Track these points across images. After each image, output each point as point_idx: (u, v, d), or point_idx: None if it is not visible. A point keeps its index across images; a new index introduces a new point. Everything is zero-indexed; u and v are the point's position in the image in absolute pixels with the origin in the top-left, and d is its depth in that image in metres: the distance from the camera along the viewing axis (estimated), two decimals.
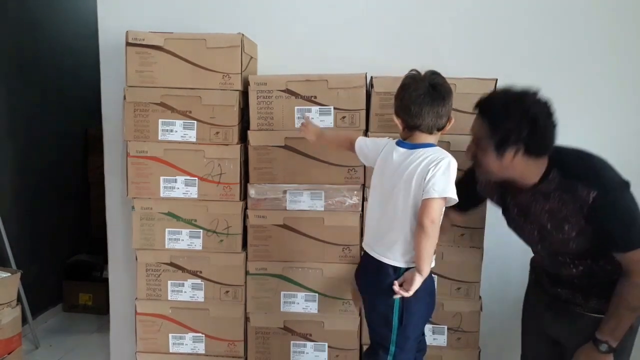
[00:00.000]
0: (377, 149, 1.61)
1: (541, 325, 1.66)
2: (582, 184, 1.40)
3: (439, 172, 1.43)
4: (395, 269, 1.51)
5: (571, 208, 1.43)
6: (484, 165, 1.47)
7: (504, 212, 1.63)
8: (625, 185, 1.44)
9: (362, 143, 1.68)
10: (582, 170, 1.44)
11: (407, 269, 1.50)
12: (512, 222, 1.62)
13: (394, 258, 1.51)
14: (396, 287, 1.46)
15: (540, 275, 1.68)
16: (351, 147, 1.71)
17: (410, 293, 1.45)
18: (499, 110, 1.41)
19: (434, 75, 1.49)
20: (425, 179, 1.43)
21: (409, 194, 1.46)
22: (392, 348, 1.53)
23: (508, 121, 1.39)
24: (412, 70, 1.53)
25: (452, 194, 1.43)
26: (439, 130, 1.50)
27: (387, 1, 2.14)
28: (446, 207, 1.53)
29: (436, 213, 1.43)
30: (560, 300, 1.58)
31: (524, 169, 1.46)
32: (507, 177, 1.49)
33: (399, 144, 1.54)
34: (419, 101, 1.46)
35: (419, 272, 1.45)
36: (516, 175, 1.47)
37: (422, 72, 1.51)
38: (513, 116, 1.38)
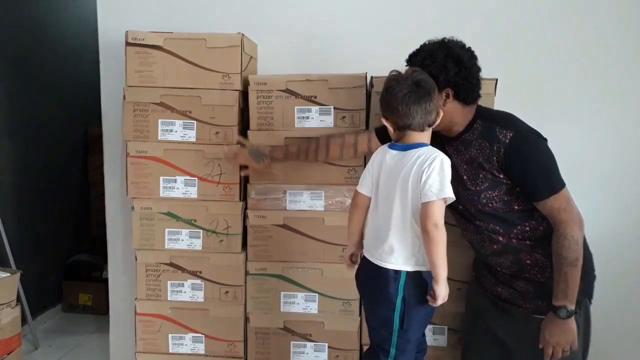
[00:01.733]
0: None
1: (487, 325, 1.69)
2: (500, 127, 1.50)
3: (433, 172, 1.41)
4: (397, 272, 1.48)
5: (487, 153, 1.50)
6: None
7: None
8: (542, 137, 1.50)
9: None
10: (502, 117, 1.55)
11: (412, 272, 1.48)
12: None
13: (396, 262, 1.49)
14: (430, 300, 1.45)
15: (480, 272, 1.71)
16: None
17: (439, 303, 1.44)
18: (425, 56, 1.52)
19: (415, 72, 1.47)
20: (420, 181, 1.41)
21: (406, 198, 1.45)
22: (393, 351, 1.52)
23: (435, 63, 1.49)
24: (392, 71, 1.51)
25: (450, 194, 1.42)
26: (430, 126, 1.49)
27: (388, 1, 2.14)
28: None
29: (438, 216, 1.41)
30: (501, 299, 1.63)
31: (453, 114, 1.54)
32: (445, 124, 1.54)
33: (390, 147, 1.53)
34: (405, 100, 1.44)
35: (436, 280, 1.43)
36: (445, 122, 1.54)
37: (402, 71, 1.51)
38: (439, 59, 1.49)
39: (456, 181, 1.53)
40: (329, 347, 1.99)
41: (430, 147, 1.48)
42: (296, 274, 1.98)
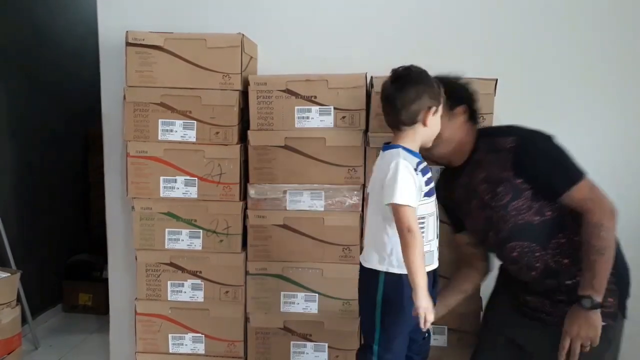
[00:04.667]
0: None
1: (507, 330, 1.66)
2: (498, 137, 1.53)
3: (387, 176, 1.40)
4: (375, 272, 1.49)
5: (498, 165, 1.50)
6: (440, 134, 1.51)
7: (458, 209, 1.68)
8: (546, 134, 1.50)
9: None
10: (499, 129, 1.61)
11: (390, 273, 1.47)
12: (465, 214, 1.66)
13: (373, 262, 1.49)
14: (413, 310, 1.39)
15: (508, 277, 1.68)
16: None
17: (420, 313, 1.37)
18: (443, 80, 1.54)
19: (397, 69, 1.46)
20: (382, 185, 1.41)
21: (378, 200, 1.45)
22: (376, 347, 1.52)
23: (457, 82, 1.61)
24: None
25: (403, 200, 1.36)
26: (410, 124, 1.44)
27: (388, 1, 2.14)
28: (455, 236, 1.61)
29: (406, 219, 1.37)
30: (530, 308, 1.59)
31: (464, 133, 1.59)
32: (451, 149, 1.58)
33: (382, 148, 1.53)
34: (383, 99, 1.47)
35: (414, 287, 1.37)
36: (458, 145, 1.58)
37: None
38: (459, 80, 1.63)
39: (480, 207, 1.53)
40: (329, 347, 1.99)
41: (400, 149, 1.44)
42: (296, 274, 1.98)
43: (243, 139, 1.98)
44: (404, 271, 1.43)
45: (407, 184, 1.38)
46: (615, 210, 1.43)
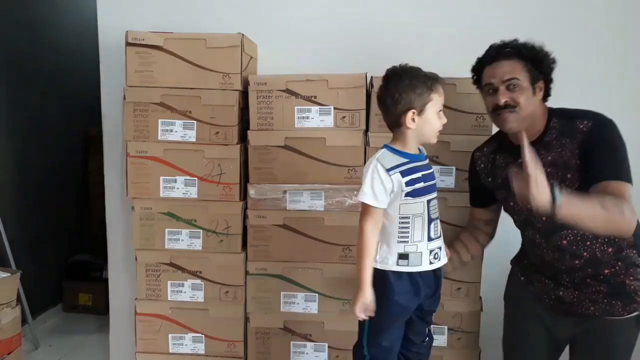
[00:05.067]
0: None
1: (544, 328, 1.62)
2: (579, 119, 1.46)
3: (364, 174, 1.46)
4: None
5: (569, 149, 1.45)
6: (521, 104, 1.46)
7: (502, 189, 1.58)
8: (614, 123, 1.46)
9: None
10: (580, 111, 1.50)
11: (375, 268, 1.50)
12: (511, 196, 1.50)
13: None
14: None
15: (532, 276, 1.64)
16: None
17: (356, 311, 1.46)
18: (521, 45, 1.50)
19: (387, 69, 1.50)
20: None
21: None
22: (365, 341, 1.57)
23: (538, 49, 1.49)
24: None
25: (363, 198, 1.43)
26: (396, 126, 1.47)
27: (387, 1, 2.14)
28: (472, 209, 1.60)
29: (362, 216, 1.45)
30: (564, 303, 1.55)
31: (541, 111, 1.51)
32: (529, 122, 1.49)
33: None
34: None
35: (358, 285, 1.45)
36: (535, 120, 1.50)
37: None
38: (540, 47, 1.50)
39: None
40: (329, 347, 1.99)
41: (384, 150, 1.47)
42: (296, 274, 1.98)
43: (243, 139, 1.98)
44: (387, 267, 1.47)
45: (372, 183, 1.43)
46: (633, 226, 1.37)
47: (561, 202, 1.26)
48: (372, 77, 1.91)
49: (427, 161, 1.53)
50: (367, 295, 1.46)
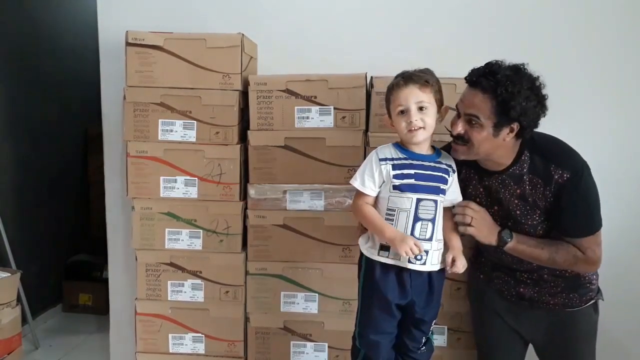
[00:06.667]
0: None
1: (509, 325, 1.67)
2: (555, 165, 1.43)
3: None
4: (361, 255, 1.57)
5: (541, 191, 1.46)
6: (474, 142, 1.41)
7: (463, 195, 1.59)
8: (588, 168, 1.47)
9: None
10: (554, 152, 1.46)
11: (366, 257, 1.54)
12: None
13: (361, 245, 1.57)
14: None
15: (491, 274, 1.68)
16: None
17: (400, 249, 1.41)
18: (505, 82, 1.33)
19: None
20: None
21: None
22: (356, 331, 1.61)
23: (518, 93, 1.32)
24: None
25: (354, 182, 1.50)
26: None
27: (388, 1, 2.14)
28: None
29: (354, 197, 1.54)
30: (525, 299, 1.61)
31: (508, 148, 1.45)
32: (484, 157, 1.47)
33: None
34: None
35: (380, 239, 1.49)
36: (496, 155, 1.46)
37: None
38: (523, 90, 1.32)
39: (506, 218, 1.52)
40: (329, 347, 2.00)
41: (390, 144, 1.53)
42: (296, 274, 1.98)
43: (243, 139, 1.98)
44: (374, 256, 1.50)
45: (364, 169, 1.49)
46: (598, 266, 1.52)
47: (509, 245, 1.48)
48: (372, 77, 1.92)
49: (435, 164, 1.49)
50: (396, 234, 1.43)
